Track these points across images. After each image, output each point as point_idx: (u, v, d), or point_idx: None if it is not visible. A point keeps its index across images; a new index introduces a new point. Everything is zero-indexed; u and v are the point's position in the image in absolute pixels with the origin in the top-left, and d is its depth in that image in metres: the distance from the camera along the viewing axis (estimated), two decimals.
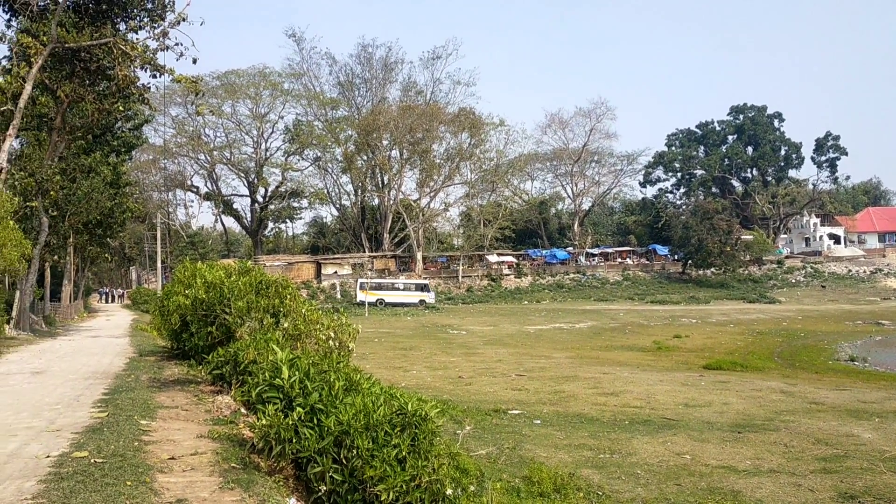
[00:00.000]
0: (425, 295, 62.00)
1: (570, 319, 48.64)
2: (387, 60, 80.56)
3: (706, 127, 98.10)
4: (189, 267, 12.74)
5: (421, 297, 61.61)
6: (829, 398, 16.07)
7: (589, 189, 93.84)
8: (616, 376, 20.36)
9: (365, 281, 64.16)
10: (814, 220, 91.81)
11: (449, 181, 78.66)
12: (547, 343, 35.52)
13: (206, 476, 5.50)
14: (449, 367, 23.04)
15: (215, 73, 75.79)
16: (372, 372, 9.43)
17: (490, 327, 43.43)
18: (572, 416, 12.97)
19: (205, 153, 79.21)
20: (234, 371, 8.69)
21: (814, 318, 49.98)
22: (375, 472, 5.26)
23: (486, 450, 9.53)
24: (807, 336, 40.13)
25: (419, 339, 35.08)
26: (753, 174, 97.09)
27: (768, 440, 10.90)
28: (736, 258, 72.54)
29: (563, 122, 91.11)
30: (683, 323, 47.07)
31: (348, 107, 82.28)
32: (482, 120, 77.12)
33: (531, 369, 22.30)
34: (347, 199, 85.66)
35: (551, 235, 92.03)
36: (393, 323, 46.39)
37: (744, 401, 15.43)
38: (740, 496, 7.82)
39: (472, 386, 17.93)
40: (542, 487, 7.71)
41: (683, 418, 12.94)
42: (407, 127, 72.40)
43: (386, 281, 65.90)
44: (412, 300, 61.21)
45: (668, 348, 33.12)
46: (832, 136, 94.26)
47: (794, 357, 31.21)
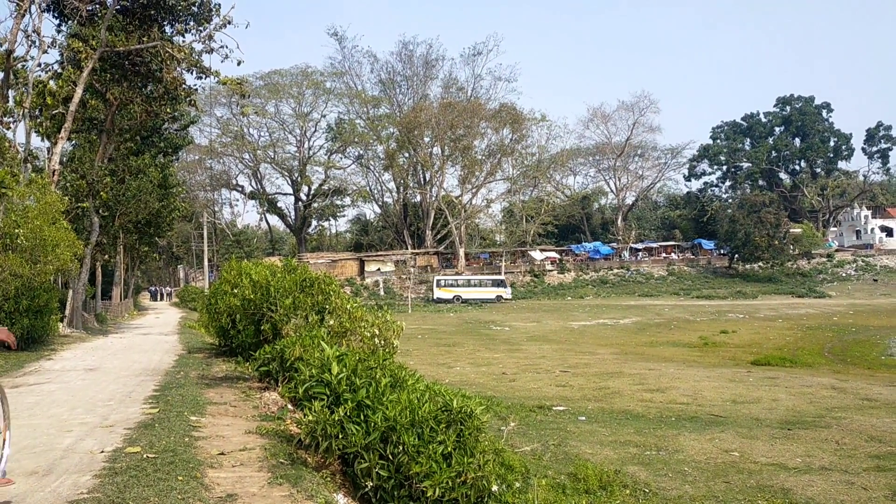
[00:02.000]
0: (502, 290, 62.44)
1: (614, 315, 48.18)
2: (427, 57, 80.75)
3: (752, 119, 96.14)
4: (235, 266, 12.95)
5: (498, 293, 62.03)
6: (883, 394, 15.66)
7: (632, 183, 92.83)
8: (661, 372, 20.13)
9: (441, 278, 65.04)
10: (865, 212, 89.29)
11: (490, 177, 78.49)
12: (591, 339, 35.26)
13: (254, 471, 5.58)
14: (492, 363, 23.04)
15: (259, 74, 76.96)
16: (416, 368, 9.48)
17: (533, 323, 43.28)
18: (617, 413, 12.87)
19: (249, 152, 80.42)
20: (280, 368, 8.80)
21: (865, 313, 48.65)
22: (421, 469, 5.28)
23: (530, 446, 9.51)
24: (858, 331, 39.11)
25: (462, 336, 35.13)
26: (801, 166, 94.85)
27: (819, 437, 10.68)
28: (784, 252, 71.05)
29: (605, 117, 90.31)
30: (730, 318, 46.27)
31: (390, 104, 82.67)
32: (523, 115, 76.75)
33: (575, 365, 22.18)
34: (389, 196, 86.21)
35: (594, 230, 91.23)
36: (436, 319, 46.52)
37: (793, 397, 15.13)
38: (791, 494, 7.67)
39: (515, 382, 17.91)
40: (588, 484, 7.67)
41: (731, 415, 12.74)
42: (448, 123, 72.42)
43: (462, 277, 66.55)
44: (489, 296, 61.58)
45: (714, 344, 32.60)
46: (883, 126, 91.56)
47: (845, 352, 30.45)
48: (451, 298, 60.85)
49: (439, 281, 63.51)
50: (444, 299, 60.78)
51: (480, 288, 62.76)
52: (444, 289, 62.14)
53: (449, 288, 62.43)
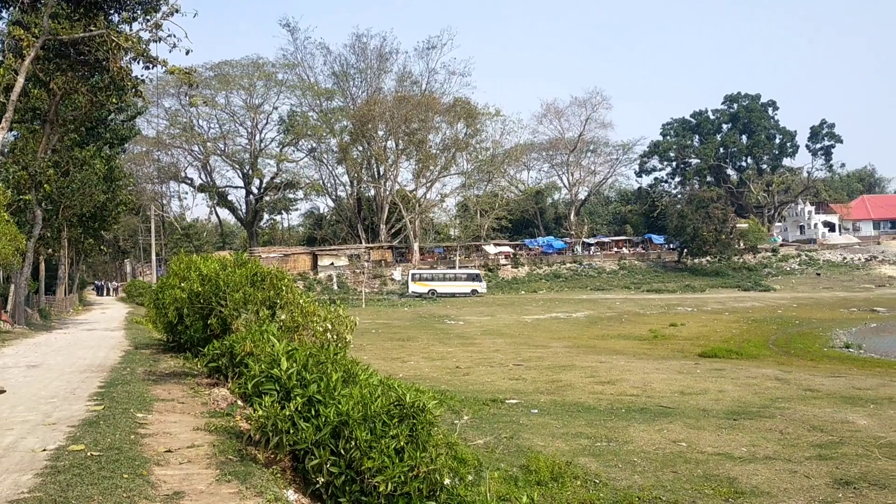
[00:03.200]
0: (477, 284, 62.75)
1: (566, 309, 48.73)
2: (381, 51, 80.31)
3: (700, 116, 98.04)
4: (184, 259, 12.71)
5: (473, 287, 62.32)
6: (825, 385, 16.14)
7: (585, 178, 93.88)
8: (613, 365, 20.42)
9: (416, 272, 65.05)
10: (808, 207, 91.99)
11: (445, 171, 78.61)
12: (544, 333, 35.58)
13: (202, 468, 5.50)
14: (446, 357, 23.09)
15: (208, 64, 75.58)
16: (369, 363, 9.43)
17: (487, 317, 43.51)
18: (569, 405, 13.01)
19: (198, 144, 78.99)
20: (230, 363, 8.68)
21: (808, 306, 50.13)
22: (374, 464, 5.25)
23: (483, 439, 9.56)
24: (801, 323, 40.26)
25: (416, 330, 35.12)
26: (748, 163, 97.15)
27: (764, 427, 10.96)
28: (731, 246, 72.73)
29: (558, 112, 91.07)
30: (679, 311, 47.21)
31: (343, 97, 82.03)
32: (478, 110, 76.97)
33: (528, 359, 22.36)
34: (343, 190, 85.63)
35: (548, 225, 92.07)
36: (390, 314, 46.43)
37: (739, 388, 15.50)
38: (736, 483, 7.86)
39: (469, 376, 17.97)
40: (540, 476, 7.73)
41: (679, 406, 13.00)
42: (402, 117, 72.22)
43: (437, 272, 66.68)
44: (464, 290, 61.87)
45: (663, 337, 33.21)
46: (827, 124, 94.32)
47: (789, 344, 31.32)
48: (426, 292, 61.12)
49: (414, 275, 63.70)
50: (420, 293, 61.00)
51: (456, 282, 63.12)
52: (420, 283, 62.39)
53: (424, 282, 62.68)
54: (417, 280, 62.64)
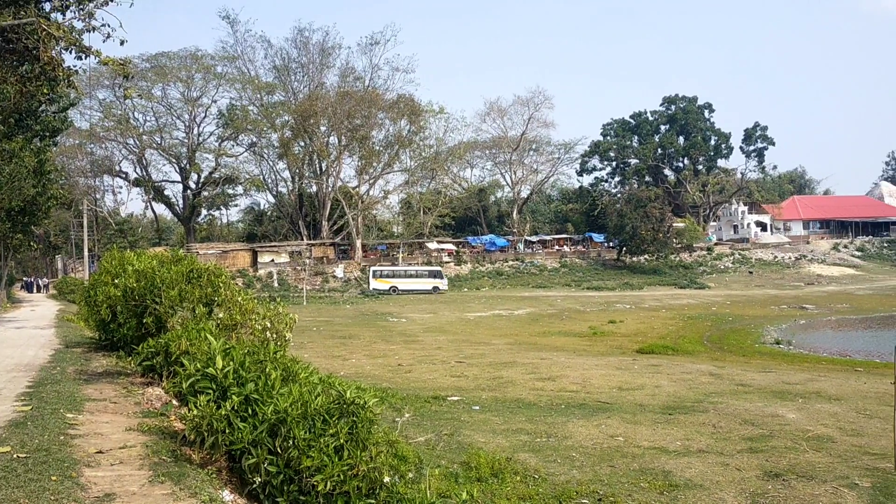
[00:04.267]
0: (438, 281, 62.61)
1: (508, 306, 49.12)
2: (324, 45, 79.36)
3: (640, 117, 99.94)
4: (117, 255, 12.35)
5: (434, 284, 62.17)
6: (756, 380, 16.66)
7: (527, 177, 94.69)
8: (553, 361, 20.68)
9: (377, 268, 64.58)
10: (742, 208, 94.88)
11: (388, 168, 78.28)
12: (486, 330, 35.81)
13: (135, 470, 5.36)
14: (388, 355, 23.02)
15: (145, 56, 73.47)
16: (310, 361, 9.32)
17: (430, 315, 43.54)
18: (510, 402, 13.12)
19: (134, 138, 76.79)
20: (165, 362, 8.48)
21: (741, 303, 51.67)
22: (312, 462, 5.20)
23: (425, 437, 9.56)
24: (734, 320, 41.46)
25: (358, 328, 34.91)
26: (685, 163, 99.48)
27: (697, 421, 11.24)
28: (668, 245, 74.37)
29: (501, 111, 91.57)
30: (618, 308, 48.08)
31: (284, 92, 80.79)
32: (421, 107, 76.85)
33: (470, 356, 22.46)
34: (284, 186, 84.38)
35: (491, 223, 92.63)
36: (332, 312, 46.04)
37: (674, 383, 15.86)
38: (671, 476, 8.04)
39: (411, 373, 17.95)
40: (480, 472, 7.77)
41: (617, 401, 13.23)
42: (345, 113, 71.60)
43: (399, 268, 66.33)
44: (425, 287, 61.70)
45: (603, 333, 33.77)
46: (760, 127, 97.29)
47: (723, 341, 32.22)
48: (387, 289, 60.89)
49: (375, 272, 63.39)
50: (381, 290, 60.77)
51: (417, 279, 63.00)
52: (381, 280, 62.14)
53: (385, 279, 62.44)
54: (378, 277, 62.41)
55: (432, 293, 60.18)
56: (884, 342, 31.86)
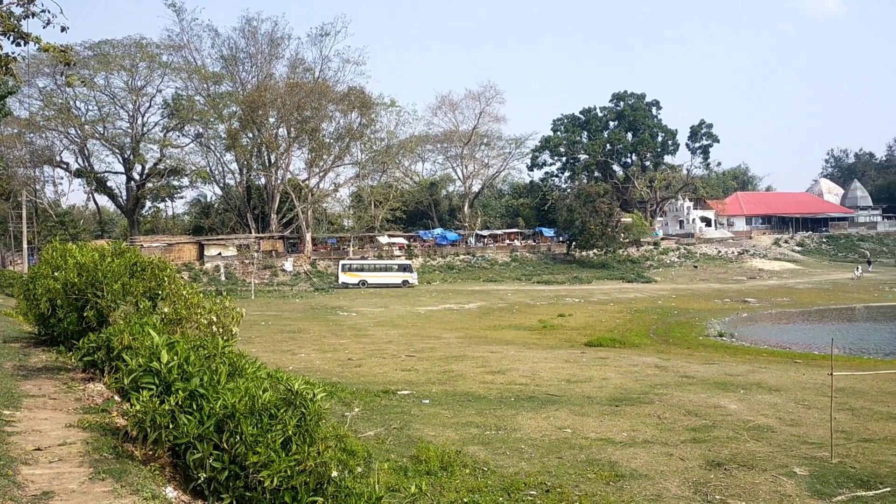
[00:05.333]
0: (408, 275, 62.30)
1: (459, 300, 49.26)
2: (273, 35, 78.21)
3: (589, 113, 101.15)
4: (58, 248, 11.98)
5: (404, 278, 61.86)
6: (700, 372, 17.05)
7: (479, 171, 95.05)
8: (503, 355, 20.80)
9: (346, 262, 63.98)
10: (687, 203, 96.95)
11: (339, 161, 77.63)
12: (437, 323, 35.83)
13: (74, 467, 5.22)
14: (338, 349, 22.86)
15: (88, 43, 71.33)
16: (258, 356, 9.20)
17: (380, 309, 43.39)
18: (460, 395, 13.15)
19: (75, 127, 74.49)
20: (107, 357, 8.25)
21: (686, 297, 52.78)
22: (259, 458, 5.13)
23: (374, 431, 9.52)
24: (680, 313, 42.33)
25: (308, 322, 34.59)
26: (633, 159, 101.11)
27: (643, 413, 11.45)
28: (616, 240, 75.50)
29: (453, 105, 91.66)
30: (567, 302, 48.63)
31: (232, 82, 79.38)
32: (372, 99, 76.38)
33: (421, 350, 22.46)
34: (232, 177, 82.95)
35: (442, 217, 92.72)
36: (281, 306, 45.52)
37: (621, 376, 16.13)
38: (617, 466, 8.17)
39: (361, 368, 17.86)
40: (430, 466, 7.78)
41: (566, 394, 13.39)
42: (294, 104, 70.70)
43: (368, 262, 65.79)
44: (395, 281, 61.37)
45: (552, 327, 34.11)
46: (705, 124, 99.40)
47: (668, 333, 32.86)
48: (356, 283, 60.55)
49: (344, 265, 62.96)
50: (350, 284, 60.37)
51: (387, 272, 62.73)
52: (350, 273, 61.72)
53: (355, 272, 62.03)
54: (348, 271, 62.00)
55: (401, 287, 60.04)
56: (822, 335, 32.95)
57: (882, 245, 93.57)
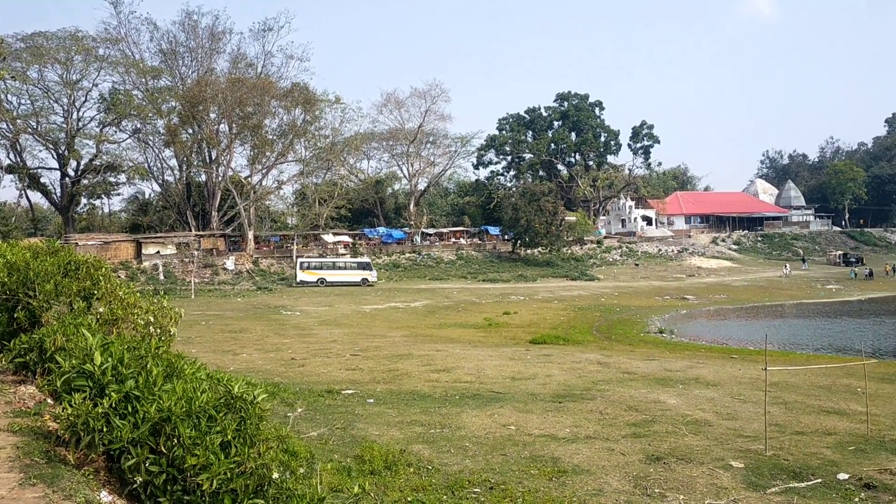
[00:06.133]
0: (367, 273, 61.61)
1: (405, 298, 49.18)
2: (214, 30, 76.67)
3: (534, 112, 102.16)
4: None
5: (363, 276, 61.19)
6: (640, 368, 17.38)
7: (424, 169, 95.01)
8: (448, 353, 20.85)
9: (305, 260, 63.02)
10: (629, 202, 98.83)
11: (282, 158, 76.52)
12: (382, 322, 35.70)
13: (4, 472, 5.01)
14: (281, 348, 22.57)
15: (20, 35, 68.65)
16: (198, 356, 9.00)
17: (325, 307, 42.99)
18: (405, 394, 13.13)
19: (7, 122, 71.66)
20: (39, 359, 7.96)
21: (628, 294, 53.79)
22: (197, 461, 5.02)
23: (317, 431, 9.43)
24: (622, 311, 43.10)
25: (250, 321, 34.05)
26: (577, 159, 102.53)
27: (586, 409, 11.62)
28: (561, 238, 76.38)
29: (398, 102, 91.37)
30: (512, 300, 49.01)
31: (172, 76, 77.51)
32: (316, 96, 75.57)
33: (366, 349, 22.34)
34: (171, 174, 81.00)
35: (387, 215, 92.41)
36: (222, 305, 44.70)
37: (565, 372, 16.33)
38: (559, 462, 8.27)
39: (305, 367, 17.67)
40: (373, 465, 7.74)
41: (510, 391, 13.49)
42: (236, 100, 69.45)
43: (327, 260, 65.10)
44: (354, 279, 60.70)
45: (497, 325, 34.33)
46: (647, 125, 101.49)
47: (611, 330, 33.43)
48: (315, 281, 59.77)
49: (303, 263, 62.09)
50: (308, 282, 59.58)
51: (346, 271, 62.12)
52: (308, 271, 60.90)
53: (313, 270, 61.23)
54: (306, 269, 61.22)
55: (361, 285, 59.55)
56: (757, 331, 34.00)
57: (814, 244, 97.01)
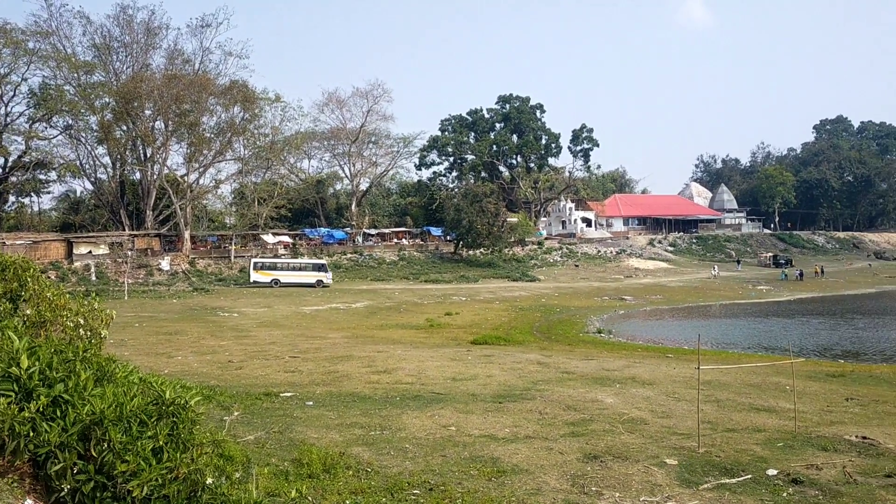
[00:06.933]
0: (322, 275, 60.49)
1: (346, 299, 48.81)
2: (150, 25, 74.73)
3: (476, 114, 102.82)
4: None
5: (318, 277, 60.08)
6: (579, 367, 17.64)
7: (366, 170, 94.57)
8: (390, 354, 20.78)
9: (258, 260, 61.80)
10: (570, 204, 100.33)
11: (220, 157, 75.04)
12: (323, 323, 35.36)
13: None
14: (218, 351, 22.13)
15: None
16: (131, 359, 8.78)
17: (264, 309, 42.36)
18: (345, 396, 13.02)
19: None
20: None
21: (568, 295, 54.55)
22: (128, 467, 4.88)
23: (254, 435, 9.27)
24: (562, 311, 43.69)
25: (186, 323, 33.30)
26: (518, 160, 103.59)
27: (525, 409, 11.72)
28: (502, 239, 77.02)
29: (340, 102, 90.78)
30: (454, 301, 49.16)
31: (105, 72, 75.16)
32: (256, 94, 74.38)
33: (305, 350, 22.09)
34: (104, 172, 78.52)
35: (329, 215, 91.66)
36: (157, 306, 43.60)
37: (505, 373, 16.45)
38: (499, 462, 8.32)
39: (242, 370, 17.37)
40: (312, 469, 7.65)
41: (451, 392, 13.51)
42: (173, 97, 67.82)
43: (281, 260, 63.96)
44: (309, 280, 59.62)
45: (439, 325, 34.38)
46: (587, 129, 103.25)
47: (551, 331, 33.84)
48: (268, 282, 58.67)
49: (256, 263, 60.91)
50: (261, 283, 58.54)
51: (301, 272, 60.97)
52: (262, 272, 59.76)
53: (267, 271, 60.12)
54: (259, 269, 60.12)
55: (315, 287, 58.76)
56: (691, 330, 34.89)
57: (746, 246, 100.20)
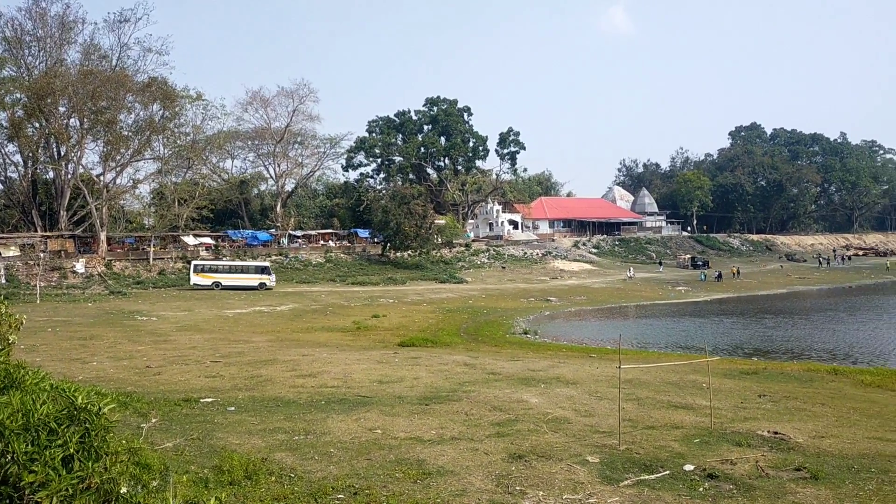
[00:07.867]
0: (266, 278, 58.77)
1: (270, 302, 47.96)
2: (64, 18, 71.82)
3: (404, 116, 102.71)
4: None
5: (261, 280, 58.34)
6: (505, 368, 17.80)
7: (292, 170, 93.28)
8: (315, 357, 20.53)
9: (199, 263, 59.70)
10: (497, 207, 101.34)
11: (138, 156, 72.64)
12: (246, 327, 34.65)
13: None
14: (136, 356, 21.40)
15: None
16: (42, 366, 8.38)
17: (184, 312, 41.19)
18: (268, 401, 12.79)
19: None
20: None
21: (495, 296, 55.05)
22: (35, 478, 4.64)
23: (173, 442, 9.00)
24: (489, 312, 44.04)
25: (102, 328, 32.08)
26: (446, 163, 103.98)
27: (452, 410, 11.75)
28: (430, 241, 77.14)
29: (265, 101, 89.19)
30: (382, 303, 48.95)
31: (16, 67, 71.79)
32: (176, 92, 72.34)
33: (228, 355, 21.60)
34: (15, 171, 75.04)
35: (253, 216, 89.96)
36: (71, 310, 41.85)
37: (432, 375, 16.47)
38: (424, 464, 8.30)
39: (161, 375, 16.85)
40: (233, 475, 7.47)
41: (377, 395, 13.44)
42: (88, 93, 65.26)
43: (223, 263, 61.91)
44: (252, 283, 57.85)
45: (366, 328, 34.16)
46: (513, 132, 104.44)
47: (478, 332, 34.08)
48: (209, 285, 56.78)
49: (197, 266, 58.93)
50: (202, 286, 56.63)
51: (243, 274, 59.24)
52: (203, 274, 57.83)
53: (208, 273, 58.14)
54: (200, 272, 58.18)
55: (258, 289, 57.30)
56: (613, 330, 35.74)
57: (666, 248, 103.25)
